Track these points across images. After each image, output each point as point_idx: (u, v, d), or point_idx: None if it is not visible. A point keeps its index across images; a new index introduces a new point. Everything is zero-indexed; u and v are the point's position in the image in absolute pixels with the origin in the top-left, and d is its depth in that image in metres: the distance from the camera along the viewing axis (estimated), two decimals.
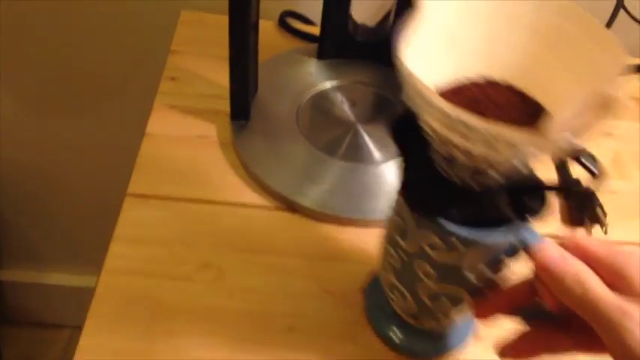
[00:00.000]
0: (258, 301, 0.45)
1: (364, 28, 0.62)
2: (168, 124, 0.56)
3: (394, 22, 0.59)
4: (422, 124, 0.30)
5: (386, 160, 0.54)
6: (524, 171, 0.32)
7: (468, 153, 0.28)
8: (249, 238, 0.49)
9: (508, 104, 0.32)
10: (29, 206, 1.00)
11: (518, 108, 0.32)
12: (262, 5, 0.52)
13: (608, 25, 0.62)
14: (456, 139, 0.27)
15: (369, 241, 0.50)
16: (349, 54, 0.63)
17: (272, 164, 0.53)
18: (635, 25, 0.64)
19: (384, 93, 0.61)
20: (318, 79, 0.61)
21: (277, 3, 0.69)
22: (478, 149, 0.27)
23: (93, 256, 0.48)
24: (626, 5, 0.62)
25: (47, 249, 1.09)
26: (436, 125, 0.28)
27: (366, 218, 0.50)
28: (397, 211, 0.36)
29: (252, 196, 0.52)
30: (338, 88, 0.61)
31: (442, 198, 0.33)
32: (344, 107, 0.59)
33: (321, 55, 0.63)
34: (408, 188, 0.34)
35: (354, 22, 0.61)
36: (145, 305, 0.44)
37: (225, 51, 0.50)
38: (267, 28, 0.67)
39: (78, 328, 0.42)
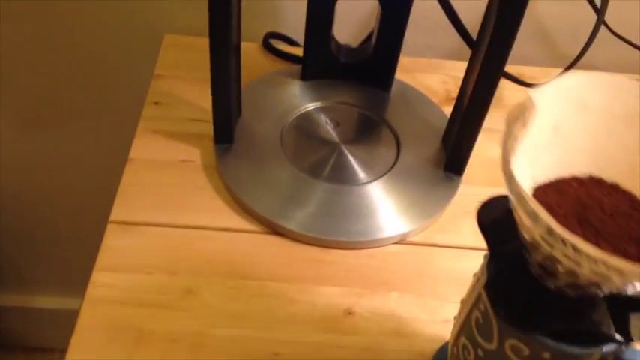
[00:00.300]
0: (242, 327, 0.45)
1: (347, 49, 0.63)
2: (152, 148, 0.56)
3: (376, 42, 0.59)
4: (520, 230, 0.28)
5: (371, 180, 0.54)
6: (633, 291, 0.29)
7: (571, 270, 0.26)
8: (233, 262, 0.49)
9: (617, 211, 0.29)
10: (17, 230, 1.00)
11: (631, 217, 0.29)
12: (246, 27, 0.52)
13: (590, 40, 0.62)
14: (561, 257, 0.25)
15: (354, 262, 0.50)
16: (333, 75, 0.63)
17: (256, 188, 0.53)
18: (616, 40, 0.65)
19: (368, 113, 0.61)
20: (302, 100, 0.61)
21: (261, 24, 0.69)
22: (585, 272, 0.25)
23: (83, 279, 0.48)
24: (607, 21, 0.63)
25: (36, 272, 1.08)
26: (539, 240, 0.26)
27: (352, 240, 0.50)
28: (479, 307, 0.33)
29: (236, 221, 0.51)
30: (322, 109, 0.61)
31: (534, 307, 0.30)
32: (328, 128, 0.59)
33: (304, 76, 0.63)
34: (495, 290, 0.31)
35: (338, 43, 0.61)
36: (128, 334, 0.44)
37: (208, 74, 0.50)
38: (250, 50, 0.67)
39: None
